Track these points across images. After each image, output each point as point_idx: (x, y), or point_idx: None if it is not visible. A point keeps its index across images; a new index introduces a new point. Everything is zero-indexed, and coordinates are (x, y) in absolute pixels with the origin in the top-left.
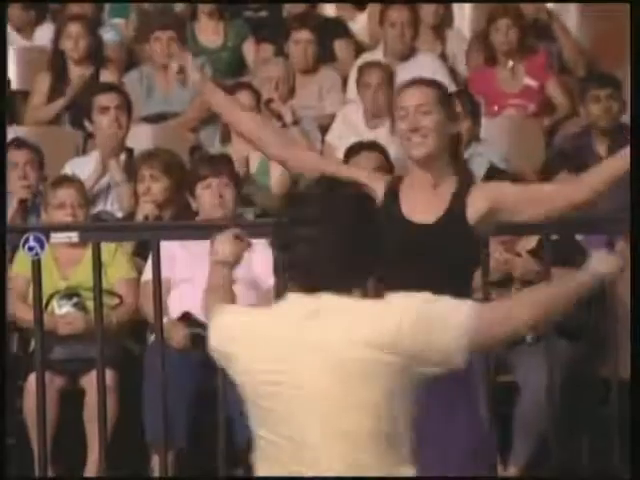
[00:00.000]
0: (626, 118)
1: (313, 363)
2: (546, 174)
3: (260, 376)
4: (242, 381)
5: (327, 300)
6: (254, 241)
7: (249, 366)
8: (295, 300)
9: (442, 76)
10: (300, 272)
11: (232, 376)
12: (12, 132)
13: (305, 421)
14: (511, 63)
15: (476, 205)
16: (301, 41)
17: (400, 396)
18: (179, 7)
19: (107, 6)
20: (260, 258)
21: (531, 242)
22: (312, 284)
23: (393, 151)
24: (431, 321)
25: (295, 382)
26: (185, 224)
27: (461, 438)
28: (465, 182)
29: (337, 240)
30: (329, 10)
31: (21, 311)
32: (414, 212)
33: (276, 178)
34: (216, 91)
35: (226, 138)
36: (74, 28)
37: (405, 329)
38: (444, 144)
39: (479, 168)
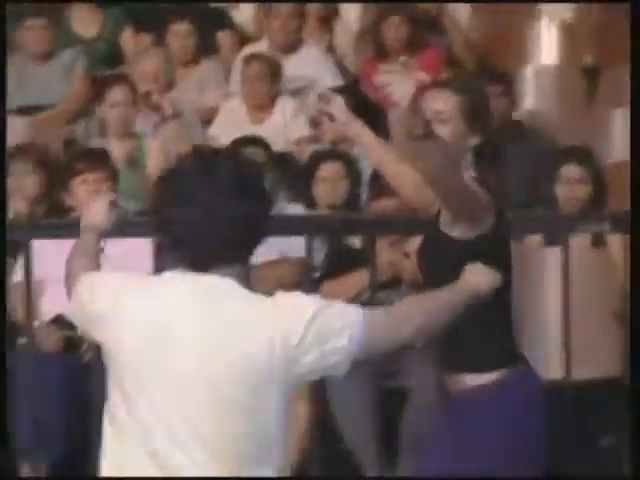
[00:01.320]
0: (517, 115)
1: (187, 351)
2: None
3: (130, 351)
4: (108, 350)
5: (212, 284)
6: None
7: (118, 336)
8: (178, 277)
9: (328, 69)
10: (181, 252)
11: (96, 341)
12: None
13: (167, 410)
14: (403, 58)
15: None
16: (180, 32)
17: (273, 398)
18: None
19: None
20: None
21: (417, 242)
22: (194, 263)
23: (278, 146)
24: (323, 330)
25: (168, 366)
26: (59, 222)
27: None
28: None
29: (216, 218)
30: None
31: None
32: None
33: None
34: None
35: (104, 131)
36: None
37: (295, 338)
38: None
39: (366, 168)
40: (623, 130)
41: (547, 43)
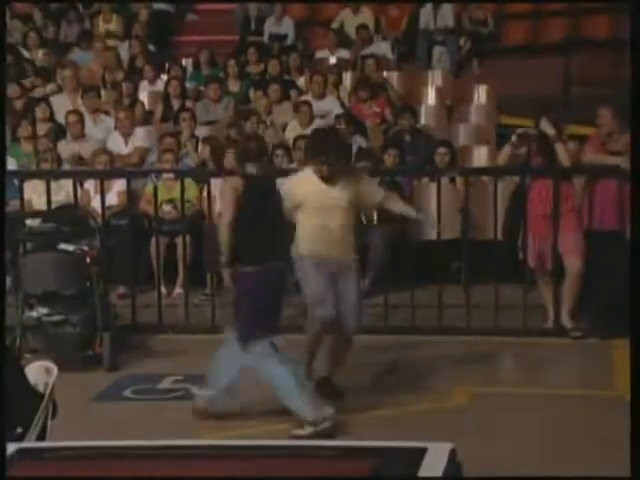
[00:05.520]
0: (418, 126)
1: None
2: (383, 148)
3: None
4: None
5: None
6: None
7: None
8: None
9: (337, 106)
10: None
11: None
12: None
13: None
14: (369, 102)
15: None
16: (274, 90)
17: None
18: (221, 73)
19: (188, 73)
20: None
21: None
22: None
23: None
24: None
25: None
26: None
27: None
28: None
29: None
30: (286, 76)
31: (146, 209)
32: None
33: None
34: None
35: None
36: (173, 83)
37: None
38: None
39: (354, 148)
40: (464, 132)
41: (431, 95)
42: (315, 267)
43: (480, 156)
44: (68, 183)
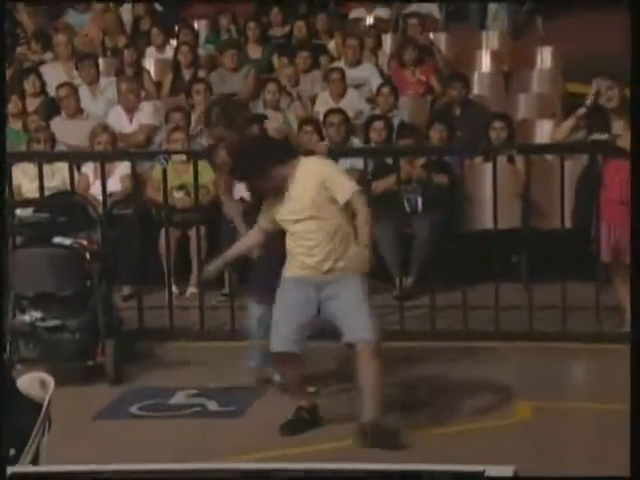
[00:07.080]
0: (471, 96)
1: None
2: (429, 123)
3: None
4: None
5: None
6: None
7: None
8: None
9: (375, 74)
10: None
11: None
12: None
13: None
14: (412, 68)
15: None
16: (304, 55)
17: None
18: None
19: (203, 37)
20: None
21: (421, 161)
22: None
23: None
24: None
25: None
26: None
27: None
28: None
29: None
30: (315, 40)
31: (154, 196)
32: None
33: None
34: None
35: (265, 106)
36: (184, 49)
37: None
38: None
39: (395, 123)
40: (524, 103)
41: (485, 60)
42: (292, 290)
43: (543, 131)
44: (63, 166)
